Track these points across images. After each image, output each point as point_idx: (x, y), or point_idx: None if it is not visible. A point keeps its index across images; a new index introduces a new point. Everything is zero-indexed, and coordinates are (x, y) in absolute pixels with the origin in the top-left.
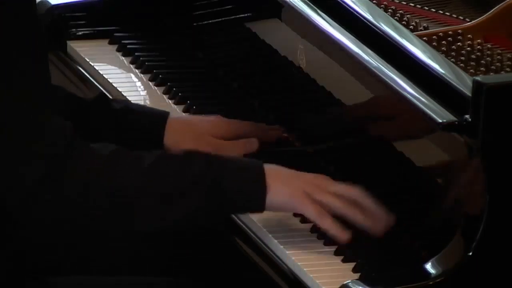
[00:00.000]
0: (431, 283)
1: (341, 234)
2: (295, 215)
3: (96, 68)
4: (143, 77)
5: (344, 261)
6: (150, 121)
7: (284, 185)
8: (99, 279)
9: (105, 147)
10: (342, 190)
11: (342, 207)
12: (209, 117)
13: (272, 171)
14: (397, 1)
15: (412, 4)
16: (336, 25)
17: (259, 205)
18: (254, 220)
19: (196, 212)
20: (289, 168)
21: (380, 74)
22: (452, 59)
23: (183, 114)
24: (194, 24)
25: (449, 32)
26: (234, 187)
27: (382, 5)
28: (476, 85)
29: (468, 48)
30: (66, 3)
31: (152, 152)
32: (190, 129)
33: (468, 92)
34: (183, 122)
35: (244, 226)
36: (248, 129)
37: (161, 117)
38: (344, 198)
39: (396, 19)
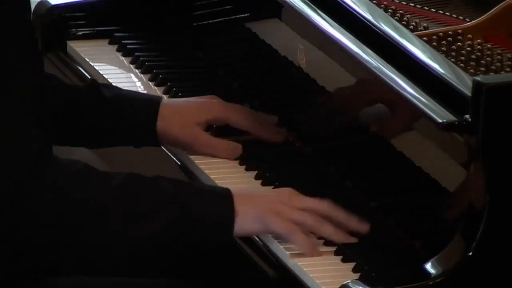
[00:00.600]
0: (431, 283)
1: (313, 251)
2: None
3: (96, 68)
4: (143, 77)
5: (344, 261)
6: (143, 107)
7: (253, 209)
8: (98, 280)
9: (74, 163)
10: (311, 205)
11: (313, 223)
12: (201, 100)
13: (239, 196)
14: (397, 1)
15: (412, 4)
16: (336, 25)
17: (226, 232)
18: None
19: (161, 236)
20: (289, 168)
21: (380, 74)
22: (452, 59)
23: (177, 99)
24: (194, 24)
25: (449, 32)
26: (201, 213)
27: (382, 5)
28: (476, 85)
29: (468, 48)
30: (66, 3)
31: (121, 173)
32: (177, 116)
33: (468, 92)
34: (172, 108)
35: None
36: (238, 117)
37: (154, 102)
38: (314, 213)
39: (396, 19)
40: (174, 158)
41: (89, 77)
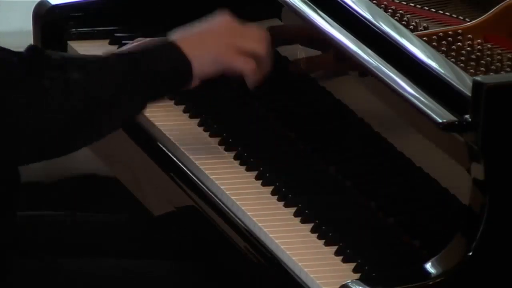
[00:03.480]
0: (431, 283)
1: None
2: (296, 215)
3: None
4: None
5: (344, 261)
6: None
7: (206, 51)
8: (99, 262)
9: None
10: (254, 35)
11: (262, 50)
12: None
13: (186, 41)
14: (397, 1)
15: (412, 4)
16: (336, 25)
17: (188, 79)
18: (254, 220)
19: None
20: (289, 168)
21: (380, 74)
22: (452, 59)
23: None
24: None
25: (449, 32)
26: (163, 69)
27: (382, 5)
28: (476, 85)
29: (468, 48)
30: (66, 3)
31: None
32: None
33: (468, 92)
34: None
35: (245, 227)
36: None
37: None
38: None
39: (396, 19)
40: (174, 158)
41: None
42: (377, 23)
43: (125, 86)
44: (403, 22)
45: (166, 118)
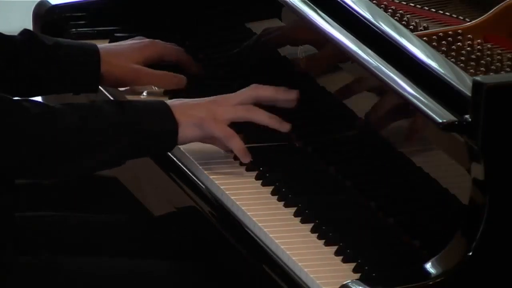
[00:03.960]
0: (431, 283)
1: (245, 156)
2: (296, 215)
3: None
4: None
5: (344, 261)
6: (82, 53)
7: (191, 117)
8: (99, 262)
9: (25, 102)
10: (241, 98)
11: (245, 113)
12: (135, 41)
13: (177, 107)
14: (397, 1)
15: (412, 4)
16: (336, 25)
17: (170, 144)
18: (254, 220)
19: (113, 159)
20: (289, 168)
21: (380, 74)
22: (452, 59)
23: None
24: (194, 24)
25: (449, 32)
26: (149, 128)
27: (382, 5)
28: (476, 85)
29: (468, 48)
30: (66, 3)
31: (63, 107)
32: (117, 58)
33: (468, 92)
34: (111, 51)
35: (244, 227)
36: (170, 51)
37: (93, 49)
38: (246, 105)
39: (396, 19)
40: (174, 159)
41: None
42: (377, 23)
43: (107, 130)
44: (403, 22)
45: None
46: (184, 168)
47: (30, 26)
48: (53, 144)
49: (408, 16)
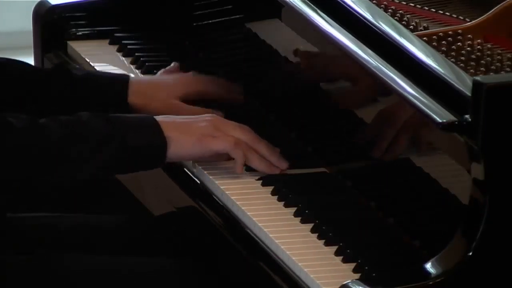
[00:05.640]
0: (431, 283)
1: (239, 167)
2: (296, 215)
3: (97, 68)
4: None
5: (344, 261)
6: (111, 84)
7: (186, 134)
8: (99, 261)
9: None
10: (238, 133)
11: (247, 137)
12: (175, 75)
13: (167, 123)
14: (397, 1)
15: (412, 4)
16: (336, 25)
17: (160, 159)
18: (254, 220)
19: (100, 171)
20: (289, 168)
21: (380, 74)
22: (452, 59)
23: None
24: (194, 24)
25: (449, 32)
26: (134, 142)
27: (382, 5)
28: (476, 85)
29: (468, 48)
30: (66, 3)
31: (44, 119)
32: (156, 90)
33: (468, 92)
34: (147, 84)
35: (244, 227)
36: (213, 87)
37: (122, 79)
38: (242, 142)
39: (396, 19)
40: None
41: None
42: (377, 23)
43: (91, 143)
44: (403, 22)
45: None
46: (184, 168)
47: (30, 26)
48: (38, 158)
49: (408, 16)
